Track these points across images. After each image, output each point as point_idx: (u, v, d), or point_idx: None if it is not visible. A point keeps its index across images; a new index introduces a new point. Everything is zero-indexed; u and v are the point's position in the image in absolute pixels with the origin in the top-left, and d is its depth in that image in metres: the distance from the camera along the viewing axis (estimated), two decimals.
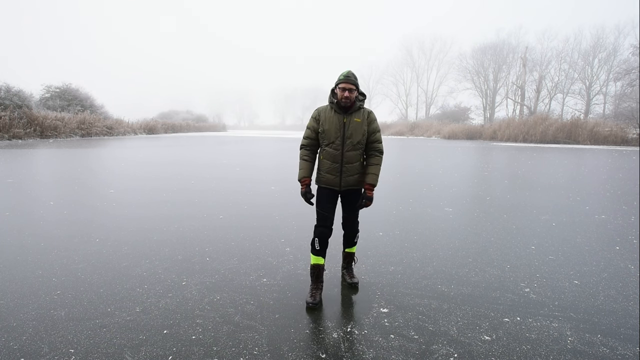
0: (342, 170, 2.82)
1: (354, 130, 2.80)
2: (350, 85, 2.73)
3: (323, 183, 2.90)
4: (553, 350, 2.27)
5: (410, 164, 13.36)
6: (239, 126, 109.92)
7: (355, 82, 2.75)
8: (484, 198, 7.05)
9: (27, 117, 24.55)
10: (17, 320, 2.55)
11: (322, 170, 2.89)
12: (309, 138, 2.93)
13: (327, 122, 2.82)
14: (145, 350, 2.24)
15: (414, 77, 62.88)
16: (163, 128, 43.61)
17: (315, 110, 2.95)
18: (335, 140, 2.80)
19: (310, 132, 2.91)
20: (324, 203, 2.90)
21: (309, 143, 2.93)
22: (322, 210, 2.90)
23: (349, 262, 3.24)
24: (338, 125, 2.80)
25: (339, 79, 2.76)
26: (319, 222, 2.91)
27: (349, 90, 2.72)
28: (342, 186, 2.86)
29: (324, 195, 2.91)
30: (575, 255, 3.92)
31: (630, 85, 29.73)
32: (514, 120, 34.40)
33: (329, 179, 2.86)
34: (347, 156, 2.81)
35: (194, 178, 9.17)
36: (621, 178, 9.71)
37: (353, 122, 2.80)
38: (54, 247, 4.03)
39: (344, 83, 2.73)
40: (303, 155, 2.95)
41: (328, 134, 2.81)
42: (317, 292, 2.89)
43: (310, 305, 2.79)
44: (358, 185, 2.90)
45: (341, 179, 2.84)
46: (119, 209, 5.89)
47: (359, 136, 2.81)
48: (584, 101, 45.66)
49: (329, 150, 2.83)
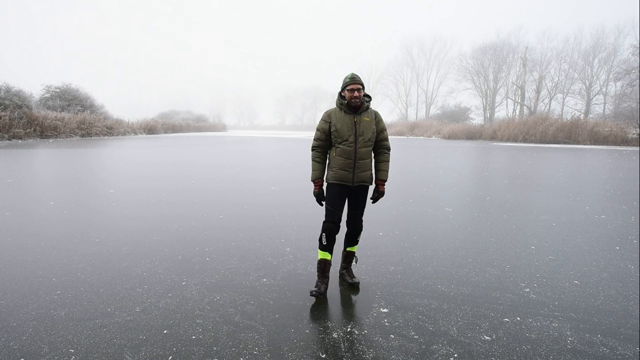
0: (355, 166, 2.92)
1: (365, 128, 2.92)
2: (357, 85, 2.85)
3: (335, 179, 2.96)
4: (553, 350, 2.27)
5: (410, 164, 13.36)
6: (239, 126, 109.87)
7: (361, 83, 2.89)
8: (484, 198, 7.05)
9: (27, 117, 24.55)
10: (17, 320, 2.55)
11: (334, 167, 2.96)
12: (319, 140, 3.01)
13: (339, 122, 2.92)
14: (145, 350, 2.24)
15: (414, 77, 62.98)
16: (163, 128, 43.61)
17: (324, 113, 3.05)
18: (349, 137, 2.90)
19: (321, 134, 3.00)
20: (335, 199, 2.98)
21: (320, 144, 3.02)
22: (331, 207, 2.97)
23: (349, 261, 3.25)
24: (350, 124, 2.90)
25: (345, 81, 2.90)
26: (327, 218, 2.99)
27: (357, 90, 2.85)
28: (355, 182, 2.94)
29: (335, 192, 2.98)
30: (575, 255, 3.92)
31: (630, 85, 29.72)
32: (514, 120, 34.41)
33: (342, 175, 2.93)
34: (360, 152, 2.92)
35: (193, 178, 9.17)
36: (621, 178, 9.71)
37: (363, 121, 2.93)
38: (54, 247, 4.03)
39: (351, 84, 2.86)
40: (315, 157, 3.05)
41: (341, 132, 2.91)
42: (322, 284, 2.97)
43: (314, 294, 2.89)
44: (368, 181, 3.00)
45: (354, 175, 2.93)
46: (119, 209, 5.89)
47: (369, 134, 2.93)
48: (584, 101, 45.69)
49: (342, 147, 2.92)
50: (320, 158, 3.04)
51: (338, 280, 3.27)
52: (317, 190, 3.04)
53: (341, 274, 3.28)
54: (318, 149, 3.04)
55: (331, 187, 3.01)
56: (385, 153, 3.09)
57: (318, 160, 3.04)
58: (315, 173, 3.03)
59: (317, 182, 3.03)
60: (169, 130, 45.69)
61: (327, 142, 3.01)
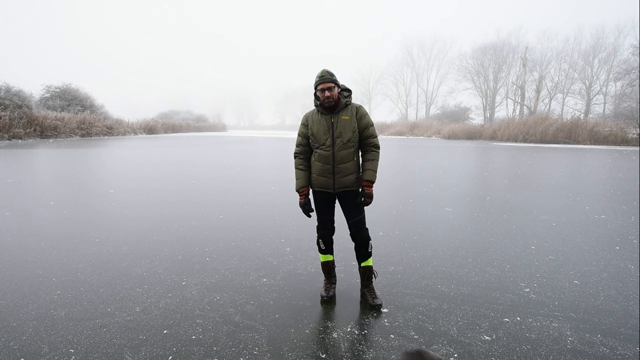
0: (334, 172, 2.72)
1: (342, 128, 2.69)
2: (327, 84, 2.63)
3: (317, 186, 2.80)
4: (553, 350, 2.26)
5: (410, 164, 13.35)
6: (239, 126, 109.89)
7: (331, 79, 2.64)
8: (484, 198, 7.05)
9: (27, 117, 24.57)
10: (17, 320, 2.55)
11: (314, 174, 2.79)
12: (300, 145, 2.85)
13: (315, 124, 2.74)
14: (145, 350, 2.24)
15: (414, 77, 62.87)
16: (163, 128, 43.62)
17: (303, 116, 2.88)
18: (325, 141, 2.71)
19: (302, 139, 2.83)
20: (322, 207, 2.85)
21: (302, 150, 2.85)
22: (321, 215, 2.87)
23: (368, 278, 2.89)
24: (326, 126, 2.71)
25: (315, 81, 2.68)
26: (320, 226, 2.92)
27: (327, 90, 2.63)
28: (336, 188, 2.74)
29: (320, 199, 2.83)
30: (575, 255, 3.92)
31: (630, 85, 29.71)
32: (514, 120, 34.38)
33: (322, 181, 2.76)
34: (339, 156, 2.70)
35: (193, 178, 9.17)
36: (621, 178, 9.71)
37: (341, 121, 2.70)
38: (54, 247, 4.03)
39: (321, 84, 2.64)
40: (298, 164, 2.85)
41: (317, 136, 2.73)
42: (330, 286, 2.95)
43: (325, 299, 2.87)
44: (353, 185, 2.76)
45: (334, 181, 2.73)
46: (119, 209, 5.89)
47: (348, 134, 2.69)
48: (584, 101, 45.66)
49: (320, 152, 2.74)
50: (304, 165, 2.83)
51: (338, 280, 3.27)
52: (302, 201, 2.81)
53: (362, 292, 2.92)
54: (300, 155, 2.84)
55: (316, 195, 2.85)
56: (373, 151, 2.77)
57: (302, 167, 2.83)
58: (300, 182, 2.82)
59: (303, 192, 2.82)
60: (169, 130, 45.69)
61: (309, 146, 2.83)
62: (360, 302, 2.88)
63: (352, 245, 3.24)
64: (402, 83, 64.94)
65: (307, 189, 2.84)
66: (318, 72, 2.69)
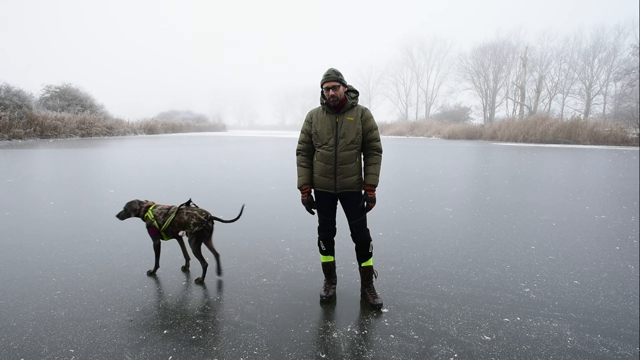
0: (336, 172, 2.70)
1: (346, 129, 2.68)
2: (333, 83, 2.62)
3: (318, 186, 2.78)
4: (553, 350, 2.26)
5: (410, 164, 13.35)
6: (239, 126, 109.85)
7: (337, 79, 2.63)
8: (484, 198, 7.05)
9: (27, 117, 24.56)
10: (17, 320, 2.55)
11: (316, 173, 2.77)
12: (303, 142, 2.83)
13: (320, 123, 2.73)
14: (145, 350, 2.24)
15: (414, 77, 62.83)
16: (163, 128, 43.59)
17: (307, 113, 2.86)
18: (328, 140, 2.69)
19: (305, 136, 2.82)
20: (323, 208, 2.83)
21: (305, 147, 2.83)
22: (323, 216, 2.86)
23: (369, 278, 2.89)
24: (330, 126, 2.70)
25: (321, 80, 2.67)
26: (321, 227, 2.90)
27: (332, 89, 2.62)
28: (338, 189, 2.72)
29: (321, 199, 2.81)
30: (575, 255, 3.92)
31: (630, 85, 29.72)
32: (514, 120, 34.36)
33: (323, 181, 2.74)
34: (341, 157, 2.68)
35: (193, 178, 9.17)
36: (621, 178, 9.71)
37: (346, 121, 2.69)
38: (54, 247, 4.03)
39: (326, 82, 2.63)
40: (300, 161, 2.84)
41: (321, 135, 2.72)
42: (330, 287, 2.95)
43: (325, 299, 2.87)
44: (355, 187, 2.74)
45: (336, 181, 2.71)
46: (119, 209, 5.87)
47: (352, 135, 2.68)
48: (584, 101, 45.64)
49: (322, 151, 2.72)
50: (307, 162, 2.82)
51: (338, 280, 3.27)
52: (305, 198, 2.80)
53: (363, 292, 2.92)
54: (303, 152, 2.83)
55: (318, 195, 2.82)
56: (375, 155, 2.75)
57: (304, 164, 2.81)
58: (302, 179, 2.79)
59: (305, 189, 2.79)
60: (169, 130, 45.66)
61: (312, 144, 2.81)
62: (360, 302, 2.88)
63: (352, 245, 3.25)
64: (402, 83, 64.98)
65: (310, 187, 2.82)
66: (324, 71, 2.69)
